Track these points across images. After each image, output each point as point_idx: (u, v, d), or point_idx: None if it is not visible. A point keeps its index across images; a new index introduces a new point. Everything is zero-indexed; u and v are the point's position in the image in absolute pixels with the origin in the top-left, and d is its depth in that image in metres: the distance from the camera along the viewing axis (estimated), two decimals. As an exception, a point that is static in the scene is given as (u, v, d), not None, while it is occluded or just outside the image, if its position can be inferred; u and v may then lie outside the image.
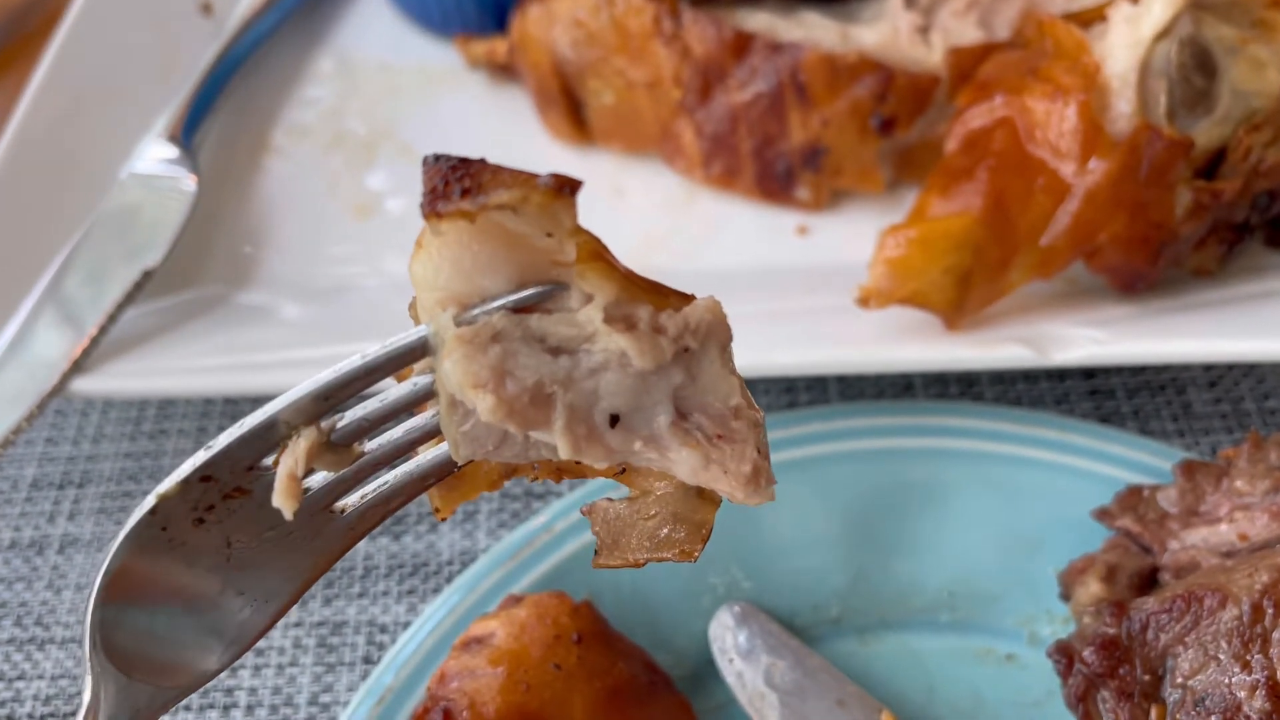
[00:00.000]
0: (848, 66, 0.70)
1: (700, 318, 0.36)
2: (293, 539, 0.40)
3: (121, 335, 0.68)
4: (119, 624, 0.39)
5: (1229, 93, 0.62)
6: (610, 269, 0.36)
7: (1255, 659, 0.48)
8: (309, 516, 0.39)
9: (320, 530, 0.40)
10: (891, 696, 0.57)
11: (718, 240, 0.76)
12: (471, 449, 0.37)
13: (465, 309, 0.36)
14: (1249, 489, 0.54)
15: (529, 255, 0.36)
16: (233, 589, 0.40)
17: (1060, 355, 0.61)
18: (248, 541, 0.39)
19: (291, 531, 0.39)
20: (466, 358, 0.35)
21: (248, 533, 0.39)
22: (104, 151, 0.78)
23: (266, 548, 0.40)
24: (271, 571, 0.40)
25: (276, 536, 0.39)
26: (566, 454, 0.36)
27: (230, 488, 0.38)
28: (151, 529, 0.38)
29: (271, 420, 0.37)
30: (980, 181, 0.62)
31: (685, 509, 0.39)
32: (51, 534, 0.70)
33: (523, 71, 0.82)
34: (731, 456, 0.36)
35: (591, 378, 0.35)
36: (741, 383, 0.38)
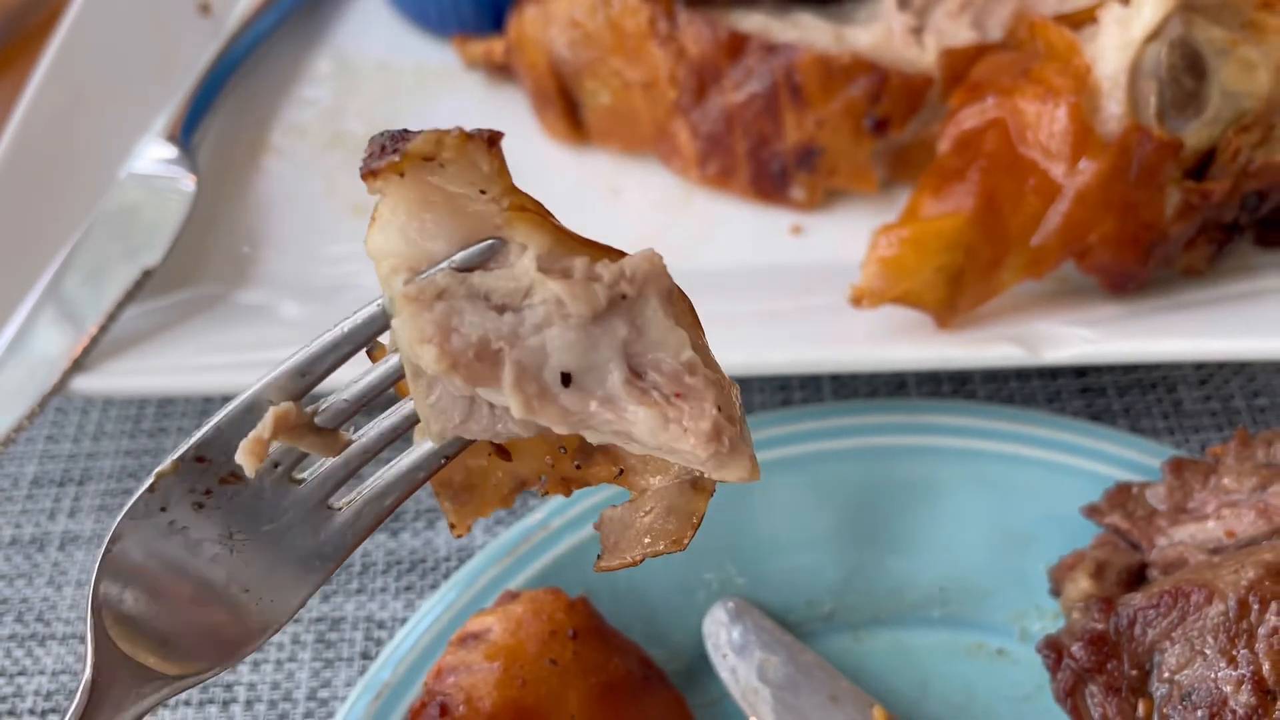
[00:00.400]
0: (842, 67, 0.71)
1: (636, 265, 0.37)
2: (293, 535, 0.40)
3: (121, 334, 0.69)
4: (124, 606, 0.40)
5: (1219, 94, 0.63)
6: (540, 220, 0.37)
7: (1241, 654, 0.48)
8: (305, 511, 0.40)
9: (318, 528, 0.41)
10: (884, 692, 0.58)
11: (713, 240, 0.77)
12: (441, 423, 0.38)
13: (415, 274, 0.36)
14: (1236, 486, 0.55)
15: (472, 220, 0.37)
16: (237, 584, 0.41)
17: (1051, 354, 0.62)
18: (248, 533, 0.40)
19: (291, 526, 0.40)
20: (412, 315, 0.36)
21: (247, 523, 0.40)
22: (103, 151, 0.79)
23: (267, 542, 0.40)
24: (276, 569, 0.41)
25: (276, 531, 0.40)
26: (520, 413, 0.36)
27: (225, 472, 0.39)
28: (151, 508, 0.39)
29: (255, 399, 0.38)
30: (972, 182, 0.62)
31: (679, 501, 0.40)
32: (52, 531, 0.70)
33: (520, 72, 0.83)
34: (690, 415, 0.36)
35: (537, 334, 0.36)
36: (697, 342, 0.38)
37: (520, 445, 0.41)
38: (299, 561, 0.41)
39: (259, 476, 0.39)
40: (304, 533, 0.41)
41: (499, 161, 0.36)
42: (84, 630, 0.65)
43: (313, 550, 0.41)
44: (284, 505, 0.40)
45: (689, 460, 0.37)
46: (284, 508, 0.40)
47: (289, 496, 0.40)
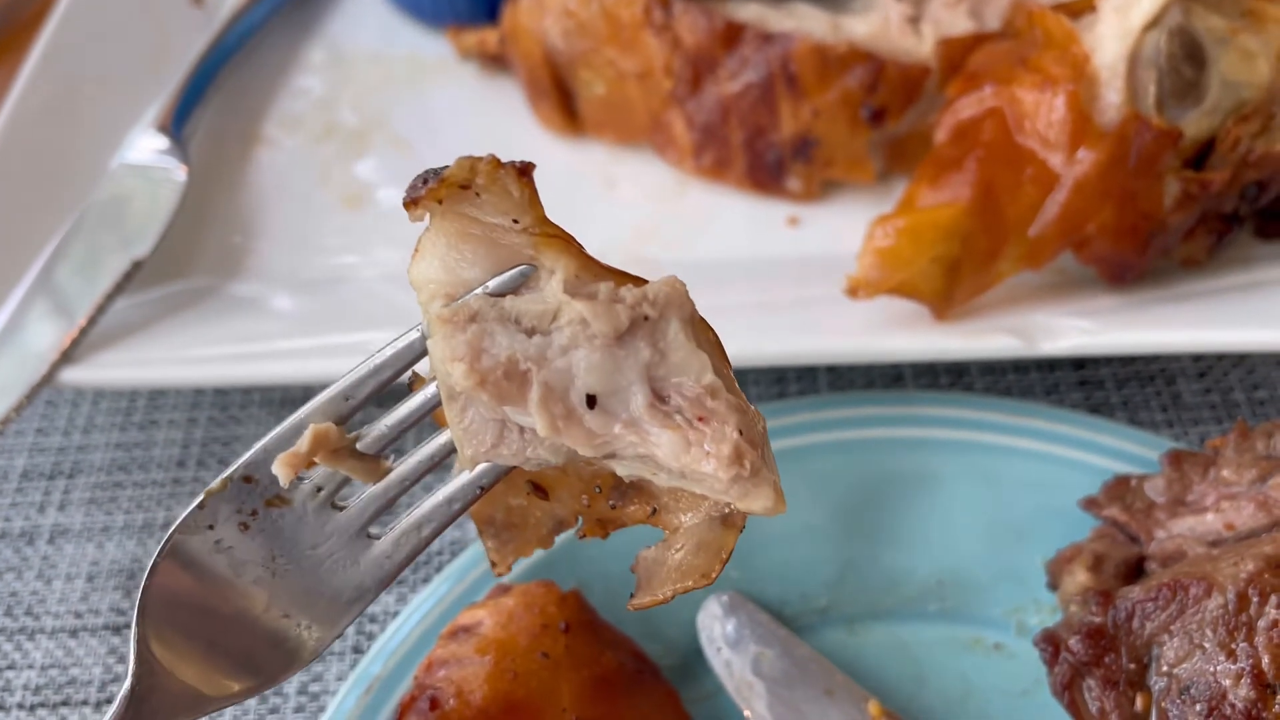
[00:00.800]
0: (838, 57, 0.70)
1: (658, 290, 0.38)
2: (334, 562, 0.42)
3: (111, 326, 0.68)
4: (167, 619, 0.41)
5: (1218, 83, 0.62)
6: (567, 245, 0.38)
7: (1240, 647, 0.48)
8: (346, 539, 0.42)
9: (358, 556, 0.42)
10: (880, 686, 0.57)
11: (709, 231, 0.76)
12: (473, 447, 0.39)
13: (452, 300, 0.38)
14: (1235, 478, 0.54)
15: (506, 250, 0.39)
16: (278, 608, 0.42)
17: (1048, 345, 0.61)
18: (290, 558, 0.41)
19: (332, 553, 0.42)
20: (446, 336, 0.37)
21: (290, 548, 0.41)
22: (94, 142, 0.78)
23: (308, 569, 0.42)
24: (316, 595, 0.42)
25: (318, 557, 0.42)
26: (545, 432, 0.37)
27: (271, 494, 0.41)
28: (199, 524, 0.40)
29: (300, 423, 0.40)
30: (969, 172, 0.62)
31: (709, 537, 0.41)
32: (42, 524, 0.70)
33: (514, 62, 0.82)
34: (711, 438, 0.37)
35: (564, 356, 0.37)
36: (720, 367, 0.39)
37: (556, 484, 0.42)
38: (339, 589, 0.42)
39: (302, 502, 0.41)
40: (344, 560, 0.42)
41: (530, 190, 0.38)
42: (73, 624, 0.64)
43: (352, 578, 0.42)
44: (325, 531, 0.41)
45: (712, 487, 0.38)
46: (325, 534, 0.41)
47: (330, 523, 0.41)
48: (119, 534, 0.69)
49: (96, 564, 0.67)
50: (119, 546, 0.68)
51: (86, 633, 0.64)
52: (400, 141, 0.83)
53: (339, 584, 0.42)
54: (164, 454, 0.73)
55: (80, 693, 0.62)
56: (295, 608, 0.42)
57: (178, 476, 0.71)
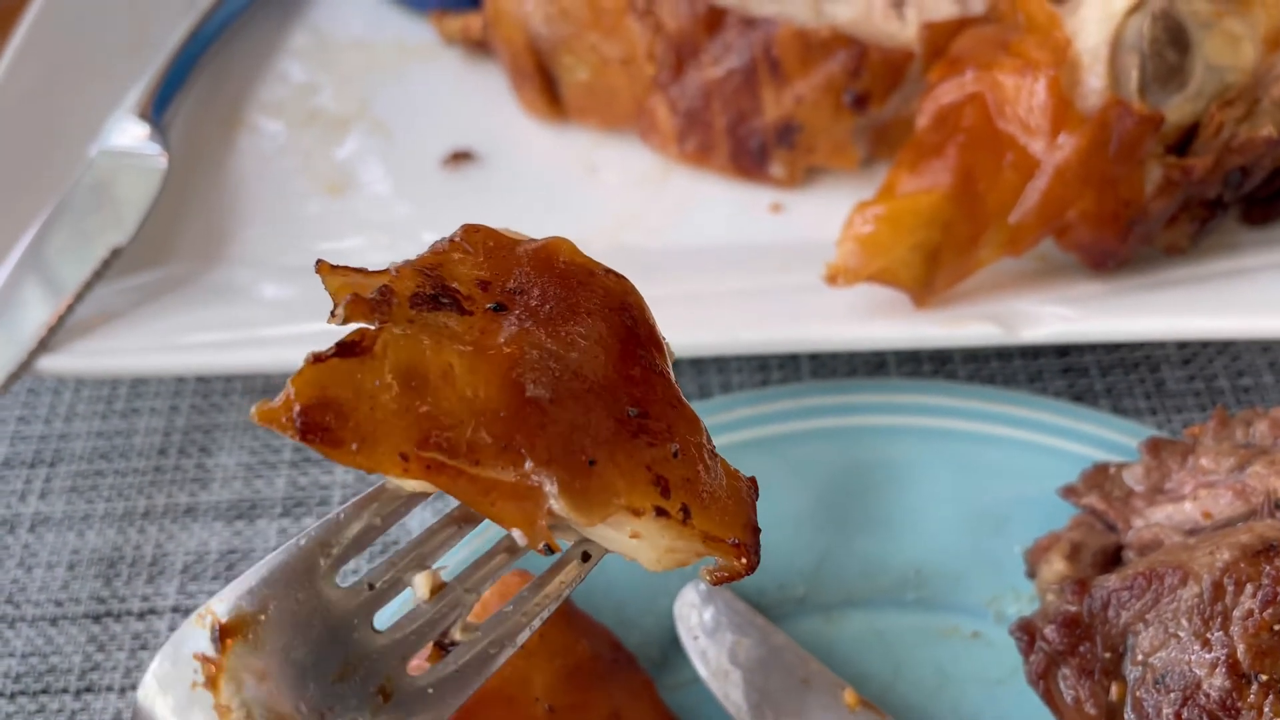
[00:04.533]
0: (821, 42, 0.70)
1: None
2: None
3: (92, 313, 0.68)
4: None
5: (1202, 68, 0.62)
6: None
7: (1215, 636, 0.48)
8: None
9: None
10: (857, 675, 0.57)
11: (692, 217, 0.76)
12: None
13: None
14: (1214, 466, 0.54)
15: None
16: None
17: (1029, 333, 0.61)
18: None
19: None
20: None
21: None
22: (74, 128, 0.78)
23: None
24: None
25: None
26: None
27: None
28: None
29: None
30: (949, 158, 0.61)
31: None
32: (23, 512, 0.70)
33: (497, 48, 0.82)
34: None
35: None
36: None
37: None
38: None
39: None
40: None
41: None
42: (54, 613, 0.64)
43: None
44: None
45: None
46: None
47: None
48: (100, 522, 0.69)
49: (77, 552, 0.67)
50: (100, 535, 0.68)
51: (67, 621, 0.64)
52: (383, 127, 0.83)
53: None
54: (145, 442, 0.72)
55: (60, 680, 0.62)
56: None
57: (159, 464, 0.71)
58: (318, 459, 0.71)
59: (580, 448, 0.37)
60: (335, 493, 0.69)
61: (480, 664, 0.39)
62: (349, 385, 0.36)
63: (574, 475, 0.37)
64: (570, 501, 0.37)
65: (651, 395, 0.41)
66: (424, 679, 0.38)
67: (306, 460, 0.71)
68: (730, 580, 0.41)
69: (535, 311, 0.40)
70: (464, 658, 0.39)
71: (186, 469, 0.71)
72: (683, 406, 0.42)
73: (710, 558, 0.41)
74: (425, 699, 0.38)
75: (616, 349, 0.41)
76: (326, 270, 0.40)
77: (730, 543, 0.40)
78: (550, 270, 0.42)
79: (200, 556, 0.67)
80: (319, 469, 0.70)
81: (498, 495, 0.37)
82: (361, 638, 0.37)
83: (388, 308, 0.38)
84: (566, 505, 0.37)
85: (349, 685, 0.36)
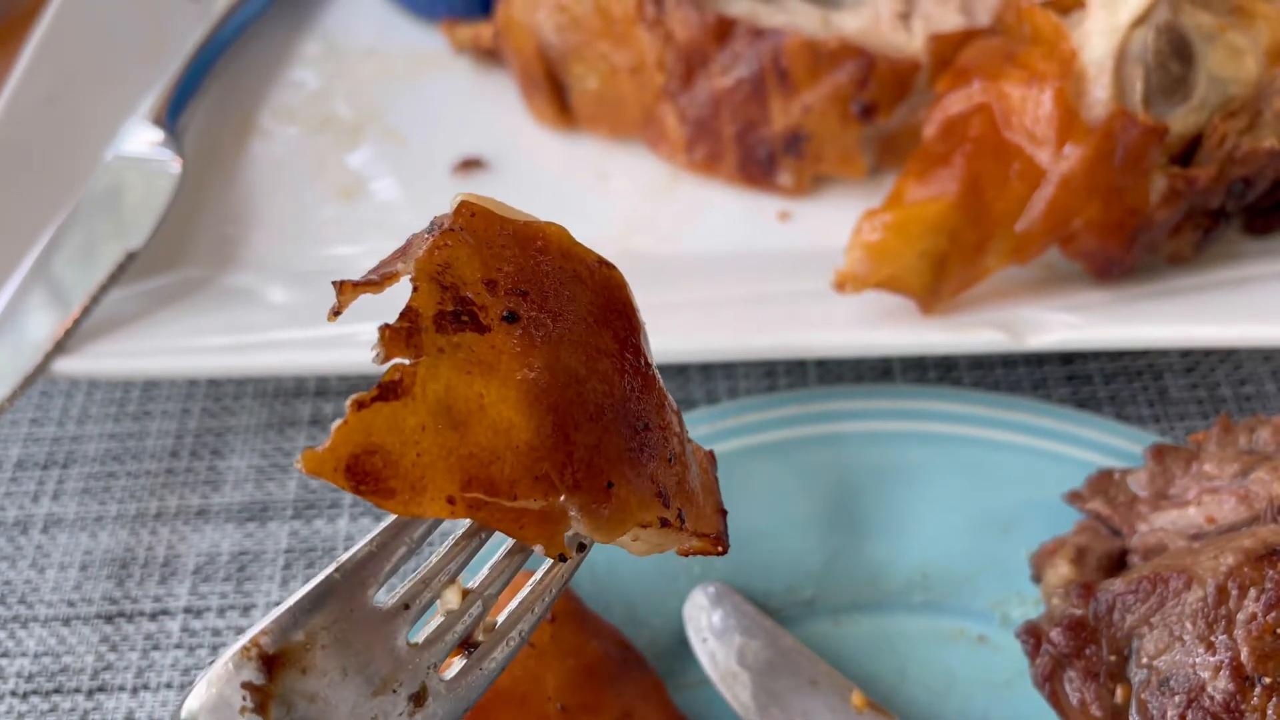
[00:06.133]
0: (829, 53, 0.71)
1: None
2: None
3: (105, 316, 0.69)
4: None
5: (1206, 80, 0.63)
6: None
7: (1219, 640, 0.48)
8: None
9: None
10: (864, 677, 0.58)
11: (700, 225, 0.76)
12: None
13: None
14: (1217, 472, 0.55)
15: None
16: None
17: (1034, 340, 0.62)
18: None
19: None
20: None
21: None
22: (89, 133, 0.78)
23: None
24: None
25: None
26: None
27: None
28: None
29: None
30: (957, 167, 0.62)
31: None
32: (36, 513, 0.70)
33: (508, 56, 0.83)
34: None
35: None
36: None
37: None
38: None
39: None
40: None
41: None
42: (67, 613, 0.65)
43: None
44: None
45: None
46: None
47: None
48: (112, 523, 0.69)
49: (90, 553, 0.68)
50: (112, 536, 0.68)
51: (79, 621, 0.65)
52: (394, 134, 0.84)
53: None
54: (157, 444, 0.73)
55: (73, 680, 0.62)
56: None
57: (171, 467, 0.72)
58: (328, 462, 0.71)
59: (600, 471, 0.39)
60: (346, 496, 0.70)
61: (499, 659, 0.41)
62: (394, 431, 0.36)
63: (595, 501, 0.39)
64: (591, 524, 0.39)
65: (649, 400, 0.42)
66: (451, 679, 0.40)
67: (317, 463, 0.71)
68: (702, 554, 0.44)
69: (542, 322, 0.41)
70: (485, 655, 0.41)
71: (198, 471, 0.71)
72: (666, 401, 0.44)
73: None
74: (456, 697, 0.40)
75: (621, 356, 0.42)
76: (347, 291, 0.41)
77: (711, 537, 0.43)
78: (547, 259, 0.43)
79: (212, 558, 0.67)
80: (330, 472, 0.71)
81: (528, 522, 0.38)
82: (399, 651, 0.39)
83: (418, 336, 0.39)
84: (588, 528, 0.39)
85: (389, 696, 0.38)
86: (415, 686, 0.38)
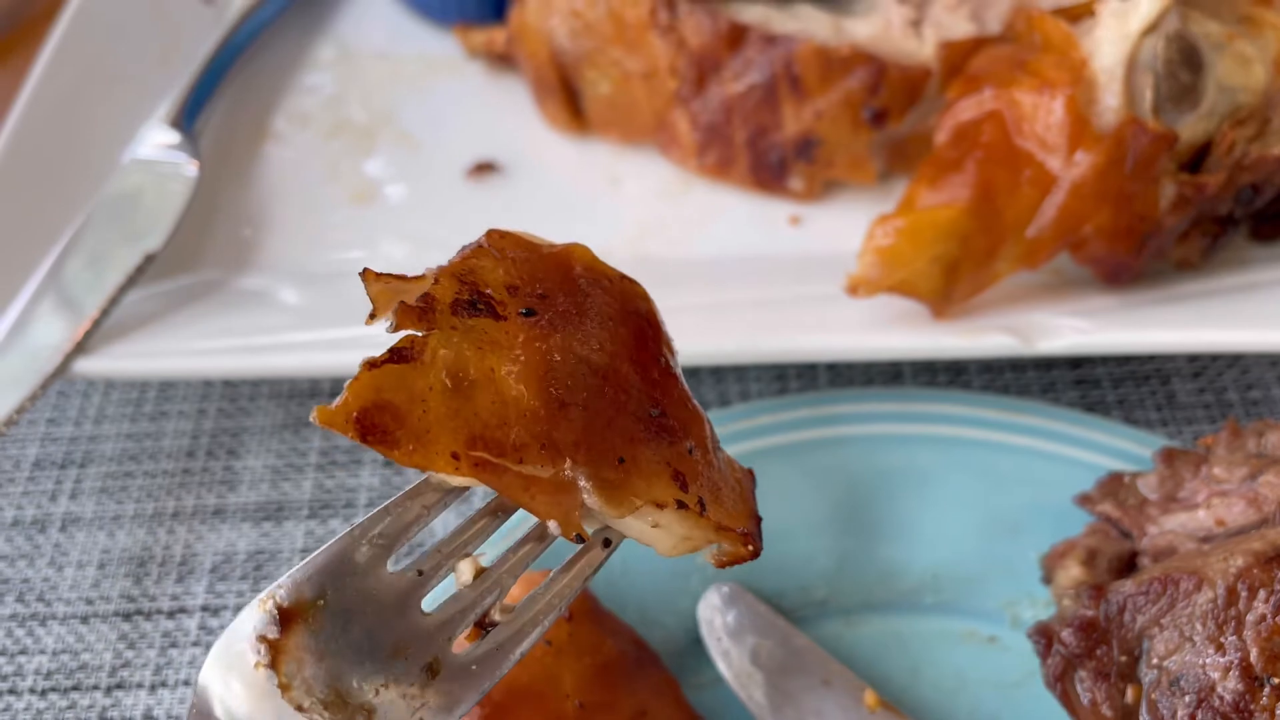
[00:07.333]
0: (840, 59, 0.71)
1: None
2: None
3: (123, 318, 0.69)
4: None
5: (1214, 88, 0.63)
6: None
7: (1229, 640, 0.49)
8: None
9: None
10: (876, 676, 0.58)
11: (711, 229, 0.77)
12: None
13: None
14: (1227, 476, 0.55)
15: None
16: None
17: (1045, 344, 0.62)
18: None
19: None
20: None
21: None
22: (106, 136, 0.79)
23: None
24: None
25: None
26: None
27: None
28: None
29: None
30: (968, 173, 0.63)
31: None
32: (54, 512, 0.71)
33: (521, 61, 0.83)
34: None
35: None
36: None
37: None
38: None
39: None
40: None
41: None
42: (84, 611, 0.66)
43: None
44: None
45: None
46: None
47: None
48: (129, 522, 0.70)
49: (107, 552, 0.68)
50: (129, 535, 0.69)
51: (97, 619, 0.65)
52: (408, 139, 0.85)
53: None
54: (174, 444, 0.74)
55: (91, 678, 0.63)
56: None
57: (187, 466, 0.72)
58: (343, 462, 0.72)
59: (611, 446, 0.40)
60: (361, 495, 0.70)
61: (516, 642, 0.42)
62: (402, 389, 0.38)
63: (606, 472, 0.40)
64: (603, 496, 0.40)
65: (668, 396, 0.43)
66: (467, 656, 0.40)
67: (332, 464, 0.72)
68: (734, 563, 0.44)
69: (562, 316, 0.42)
70: (502, 636, 0.41)
71: (214, 471, 0.72)
72: (692, 405, 0.44)
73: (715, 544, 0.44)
74: (469, 674, 0.40)
75: (637, 352, 0.43)
76: (371, 278, 0.42)
77: (739, 532, 0.43)
78: (570, 275, 0.44)
79: (228, 557, 0.68)
80: (345, 472, 0.72)
81: (537, 490, 0.39)
82: (412, 619, 0.39)
83: (432, 315, 0.41)
84: (599, 500, 0.40)
85: (401, 662, 0.38)
86: (428, 657, 0.39)
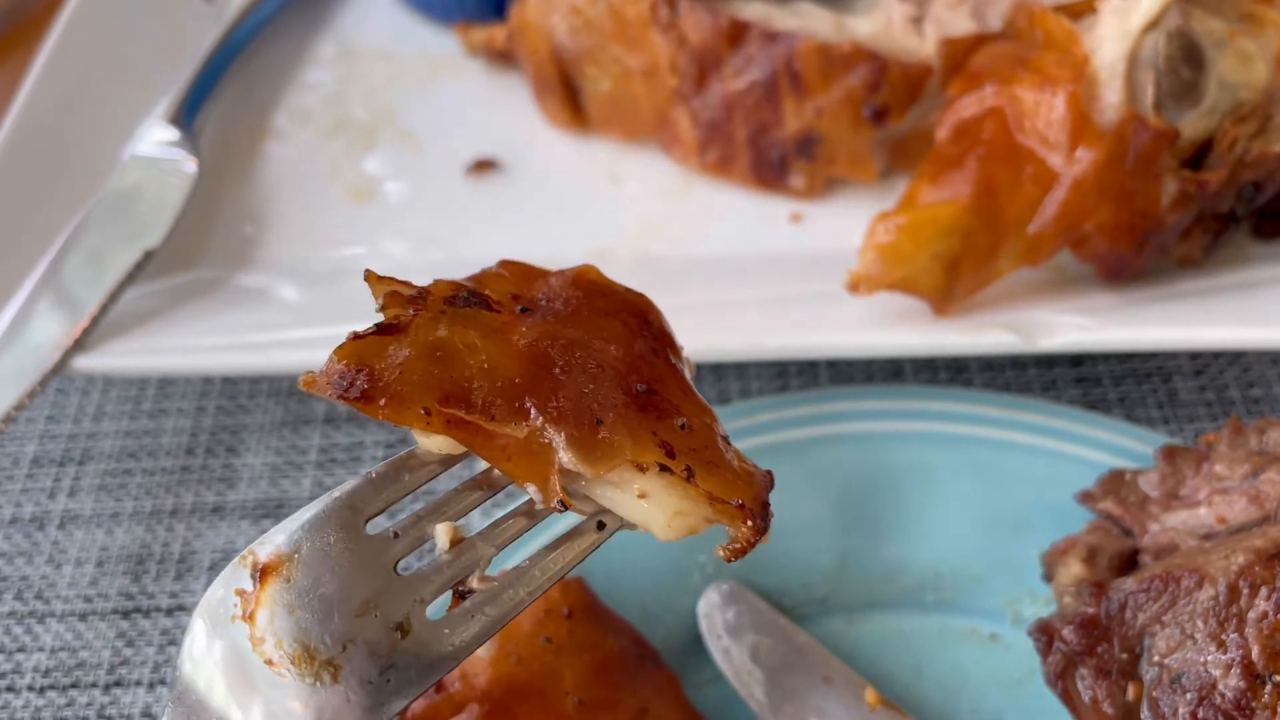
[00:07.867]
0: (841, 56, 0.71)
1: None
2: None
3: (122, 315, 0.69)
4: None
5: (1216, 85, 0.63)
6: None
7: (1230, 638, 0.49)
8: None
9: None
10: (877, 675, 0.58)
11: (713, 227, 0.77)
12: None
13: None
14: (1228, 473, 0.55)
15: None
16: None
17: (1046, 341, 0.62)
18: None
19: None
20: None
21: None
22: (106, 134, 0.79)
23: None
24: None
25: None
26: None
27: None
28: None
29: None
30: (970, 170, 0.63)
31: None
32: (52, 510, 0.71)
33: (521, 58, 0.83)
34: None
35: None
36: None
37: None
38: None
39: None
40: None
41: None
42: (83, 609, 0.65)
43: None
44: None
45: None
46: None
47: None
48: (128, 520, 0.70)
49: (106, 549, 0.68)
50: (128, 532, 0.69)
51: (95, 617, 0.65)
52: (408, 136, 0.84)
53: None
54: (173, 442, 0.74)
55: (89, 675, 0.63)
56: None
57: (187, 464, 0.72)
58: (343, 460, 0.72)
59: (589, 409, 0.40)
60: (361, 493, 0.70)
61: (495, 610, 0.41)
62: (382, 356, 0.39)
63: (582, 430, 0.40)
64: (577, 453, 0.40)
65: (660, 378, 0.43)
66: (441, 620, 0.40)
67: (332, 461, 0.72)
68: (744, 552, 0.43)
69: (558, 313, 0.43)
70: (480, 603, 0.41)
71: (213, 469, 0.72)
72: (695, 397, 0.44)
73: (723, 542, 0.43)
74: (441, 637, 0.39)
75: (630, 341, 0.43)
76: (374, 279, 0.42)
77: (735, 504, 0.42)
78: (575, 286, 0.45)
79: (227, 555, 0.68)
80: (344, 470, 0.71)
81: (513, 451, 0.39)
82: (384, 579, 0.39)
83: (422, 302, 0.41)
84: (574, 456, 0.40)
85: (370, 620, 0.38)
86: (398, 616, 0.39)
